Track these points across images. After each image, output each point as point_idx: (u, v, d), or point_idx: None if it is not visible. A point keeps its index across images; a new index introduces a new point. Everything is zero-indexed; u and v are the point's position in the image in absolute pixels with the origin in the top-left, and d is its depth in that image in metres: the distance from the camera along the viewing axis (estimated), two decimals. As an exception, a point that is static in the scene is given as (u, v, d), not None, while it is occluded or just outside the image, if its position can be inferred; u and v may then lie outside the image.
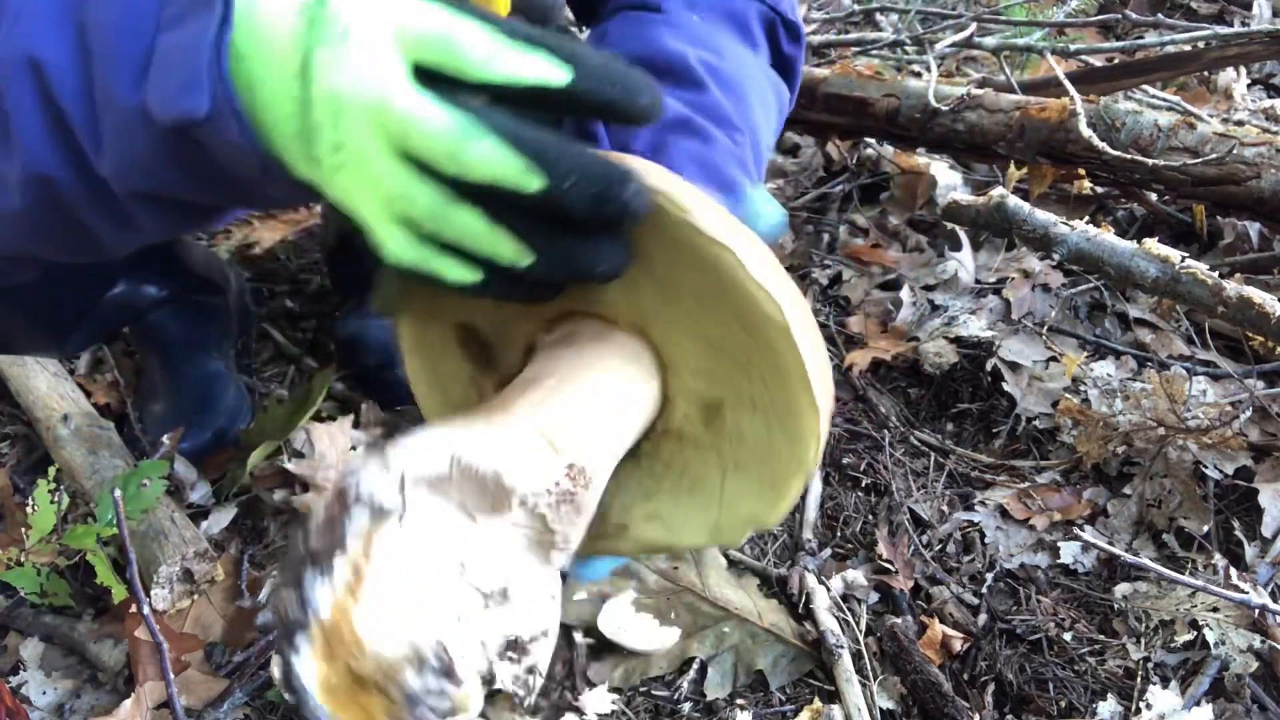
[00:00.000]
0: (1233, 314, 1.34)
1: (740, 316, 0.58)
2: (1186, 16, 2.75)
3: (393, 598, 0.47)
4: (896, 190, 2.11)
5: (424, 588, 0.48)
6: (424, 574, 0.48)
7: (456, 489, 0.50)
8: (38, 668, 1.27)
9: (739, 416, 0.64)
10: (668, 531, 0.67)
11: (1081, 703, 1.18)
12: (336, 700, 0.46)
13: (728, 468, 0.65)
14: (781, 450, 0.63)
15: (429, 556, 0.48)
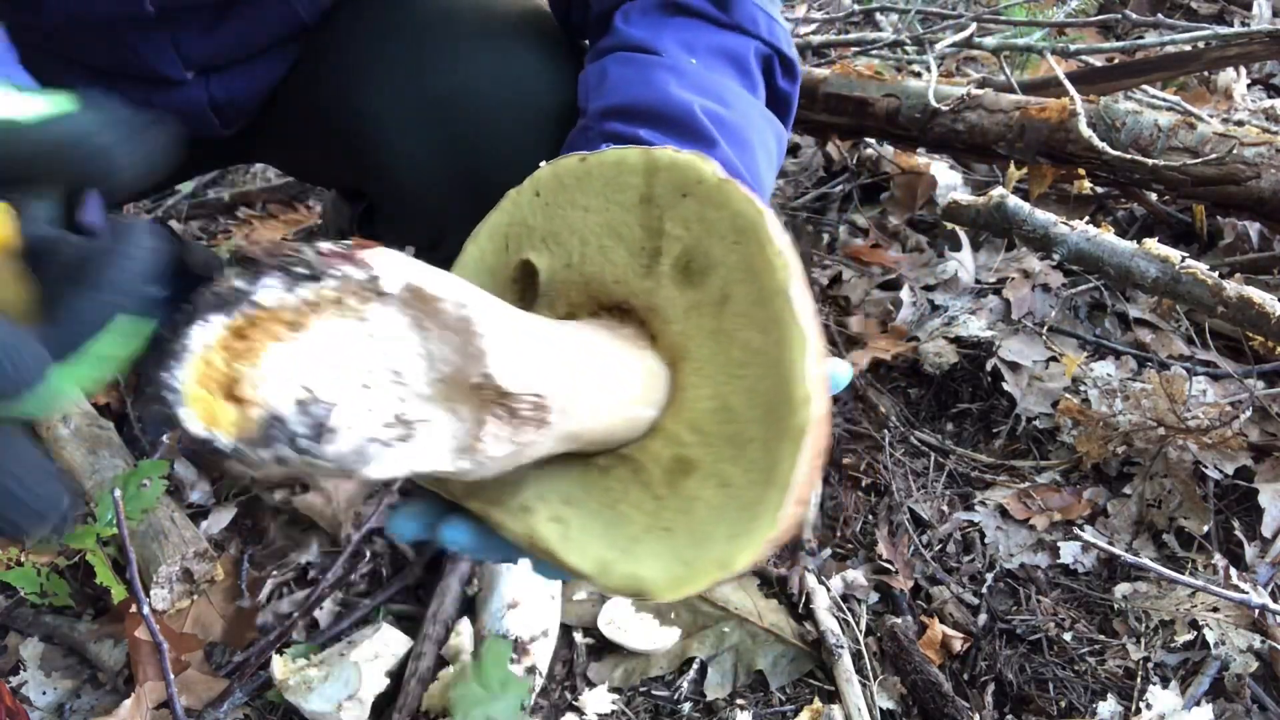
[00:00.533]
0: (1233, 314, 1.34)
1: (772, 403, 0.57)
2: (1186, 16, 2.75)
3: (324, 342, 0.45)
4: (896, 190, 2.10)
5: (353, 355, 0.46)
6: (357, 359, 0.46)
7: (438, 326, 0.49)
8: (38, 668, 1.27)
9: (703, 488, 0.61)
10: (562, 540, 0.66)
11: (1081, 703, 1.18)
12: (195, 393, 0.43)
13: (657, 525, 0.64)
14: (717, 541, 0.61)
15: (374, 350, 0.47)
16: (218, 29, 1.01)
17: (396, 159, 1.06)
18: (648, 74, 0.88)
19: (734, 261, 0.60)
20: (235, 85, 1.09)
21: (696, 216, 0.62)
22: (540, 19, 1.10)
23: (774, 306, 0.57)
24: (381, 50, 1.08)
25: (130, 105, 1.05)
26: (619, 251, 0.66)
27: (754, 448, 0.59)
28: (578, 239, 0.67)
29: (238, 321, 0.45)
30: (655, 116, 0.84)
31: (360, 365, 0.46)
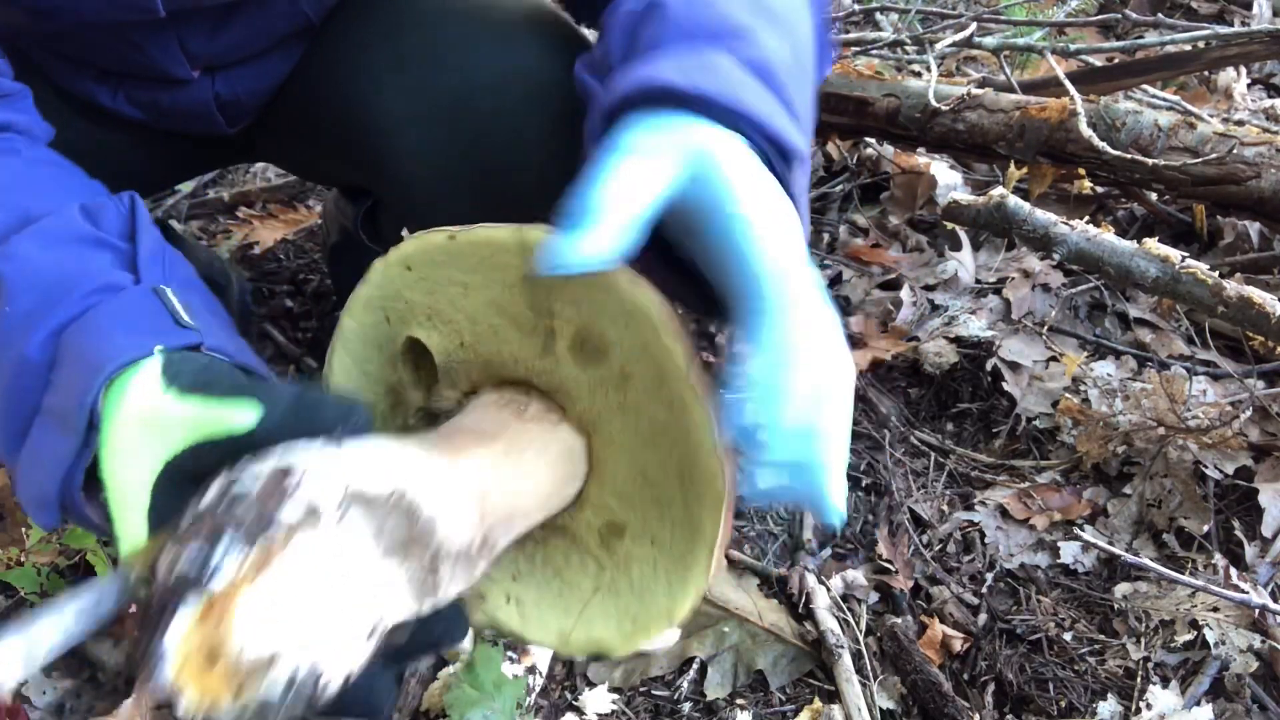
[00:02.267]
0: (1233, 314, 1.34)
1: (685, 470, 0.59)
2: (1186, 16, 2.75)
3: (286, 598, 0.46)
4: (896, 190, 2.10)
5: (317, 602, 0.47)
6: (323, 586, 0.47)
7: (385, 514, 0.49)
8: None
9: (636, 547, 0.63)
10: (520, 620, 0.68)
11: (1081, 703, 1.18)
12: (189, 670, 0.45)
13: (602, 587, 0.65)
14: (658, 595, 0.63)
15: (336, 571, 0.47)
16: (225, 28, 1.01)
17: (403, 157, 1.06)
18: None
19: (629, 342, 0.59)
20: (240, 83, 1.10)
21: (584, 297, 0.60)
22: (547, 15, 1.10)
23: (675, 388, 0.57)
24: (388, 47, 1.08)
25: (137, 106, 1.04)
26: (511, 331, 0.64)
27: (675, 506, 0.61)
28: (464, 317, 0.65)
29: (206, 599, 0.46)
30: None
31: (325, 587, 0.47)
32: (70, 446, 0.57)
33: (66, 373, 0.59)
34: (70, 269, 0.64)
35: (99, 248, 0.67)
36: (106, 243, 0.68)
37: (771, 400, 0.53)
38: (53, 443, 0.58)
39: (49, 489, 0.58)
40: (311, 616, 0.46)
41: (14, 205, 0.69)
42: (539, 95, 1.03)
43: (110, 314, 0.61)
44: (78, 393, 0.56)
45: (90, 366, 0.57)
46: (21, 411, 0.60)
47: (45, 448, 0.58)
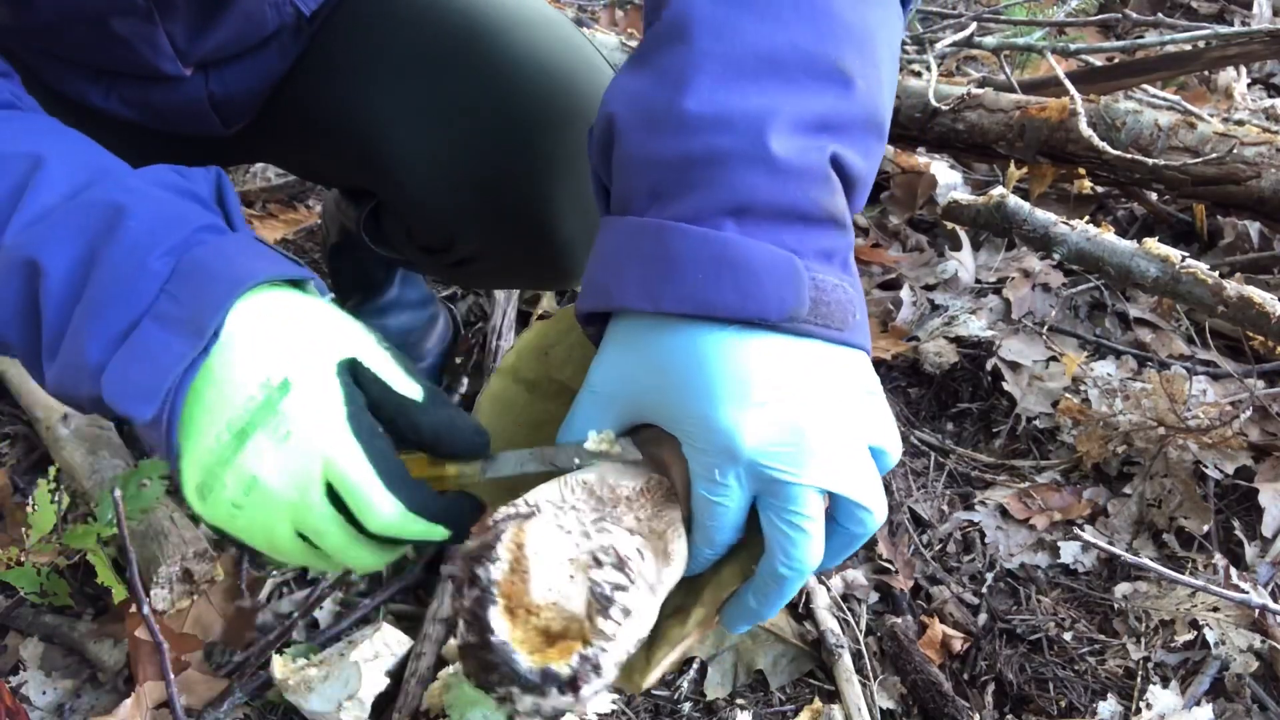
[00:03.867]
0: (1233, 313, 1.34)
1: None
2: (1187, 16, 2.75)
3: (550, 566, 0.58)
4: (896, 190, 2.10)
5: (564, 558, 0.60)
6: (561, 547, 0.60)
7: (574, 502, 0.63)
8: (38, 668, 1.27)
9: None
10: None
11: (1081, 702, 1.18)
12: (534, 651, 0.56)
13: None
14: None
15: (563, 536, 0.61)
16: (212, 21, 1.00)
17: (408, 160, 1.06)
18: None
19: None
20: (234, 81, 1.09)
21: (567, 349, 0.74)
22: (550, 16, 1.10)
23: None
24: (389, 49, 1.08)
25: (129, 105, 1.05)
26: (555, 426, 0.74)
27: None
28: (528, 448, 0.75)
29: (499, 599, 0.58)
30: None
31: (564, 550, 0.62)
32: (194, 348, 0.62)
33: (191, 286, 0.64)
34: (180, 207, 0.69)
35: (198, 202, 0.72)
36: (201, 199, 0.73)
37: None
38: (170, 343, 0.62)
39: (161, 381, 0.62)
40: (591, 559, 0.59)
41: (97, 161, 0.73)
42: (543, 97, 1.03)
43: (230, 244, 0.67)
44: (213, 302, 0.62)
45: (225, 281, 0.63)
46: (128, 315, 0.63)
47: (160, 347, 0.62)
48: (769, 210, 0.60)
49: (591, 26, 2.37)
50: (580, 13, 2.76)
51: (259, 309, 0.64)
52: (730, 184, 0.60)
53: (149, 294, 0.63)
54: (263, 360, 0.62)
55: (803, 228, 0.61)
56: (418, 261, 1.29)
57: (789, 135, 0.61)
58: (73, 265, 0.65)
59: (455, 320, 1.75)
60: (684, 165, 0.61)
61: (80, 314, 0.65)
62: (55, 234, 0.66)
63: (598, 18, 2.85)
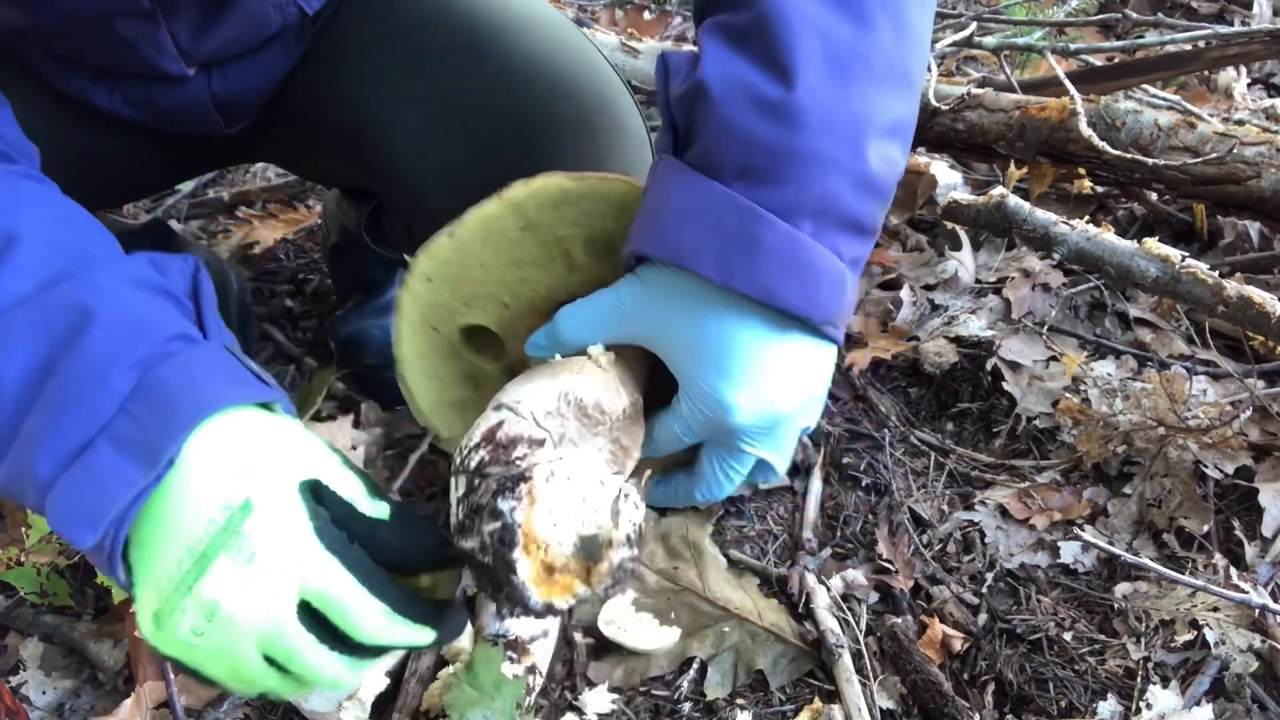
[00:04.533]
0: (1233, 313, 1.34)
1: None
2: (1187, 16, 2.75)
3: (562, 495, 0.64)
4: (897, 190, 2.10)
5: (578, 489, 0.65)
6: (572, 479, 0.65)
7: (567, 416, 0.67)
8: (38, 668, 1.27)
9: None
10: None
11: (1081, 703, 1.18)
12: (542, 585, 0.62)
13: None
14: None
15: (569, 467, 0.65)
16: (216, 21, 1.00)
17: (410, 160, 1.06)
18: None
19: (626, 225, 0.71)
20: (237, 81, 1.09)
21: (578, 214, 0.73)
22: (553, 18, 1.10)
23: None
24: (393, 49, 1.08)
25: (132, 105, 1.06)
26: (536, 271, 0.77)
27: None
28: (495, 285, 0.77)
29: (522, 538, 0.63)
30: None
31: (573, 478, 0.66)
32: (147, 476, 0.60)
33: (152, 408, 0.61)
34: (151, 312, 0.67)
35: (169, 299, 0.70)
36: (175, 296, 0.71)
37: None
38: (123, 468, 0.60)
39: (110, 507, 0.60)
40: (582, 499, 0.64)
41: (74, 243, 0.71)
42: (548, 99, 1.03)
43: (197, 362, 0.65)
44: (171, 428, 0.61)
45: (187, 407, 0.61)
46: (82, 432, 0.61)
47: (112, 471, 0.60)
48: (843, 219, 0.67)
49: (591, 26, 2.37)
50: (580, 13, 2.76)
51: (219, 433, 0.63)
52: (822, 188, 0.65)
53: (107, 411, 0.61)
54: (222, 483, 0.61)
55: (857, 238, 0.69)
56: None
57: (876, 143, 0.66)
58: (29, 371, 0.63)
59: (455, 320, 1.75)
60: (784, 156, 0.64)
61: (34, 423, 0.62)
62: (15, 335, 0.63)
63: (598, 18, 2.85)
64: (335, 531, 0.63)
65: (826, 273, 0.65)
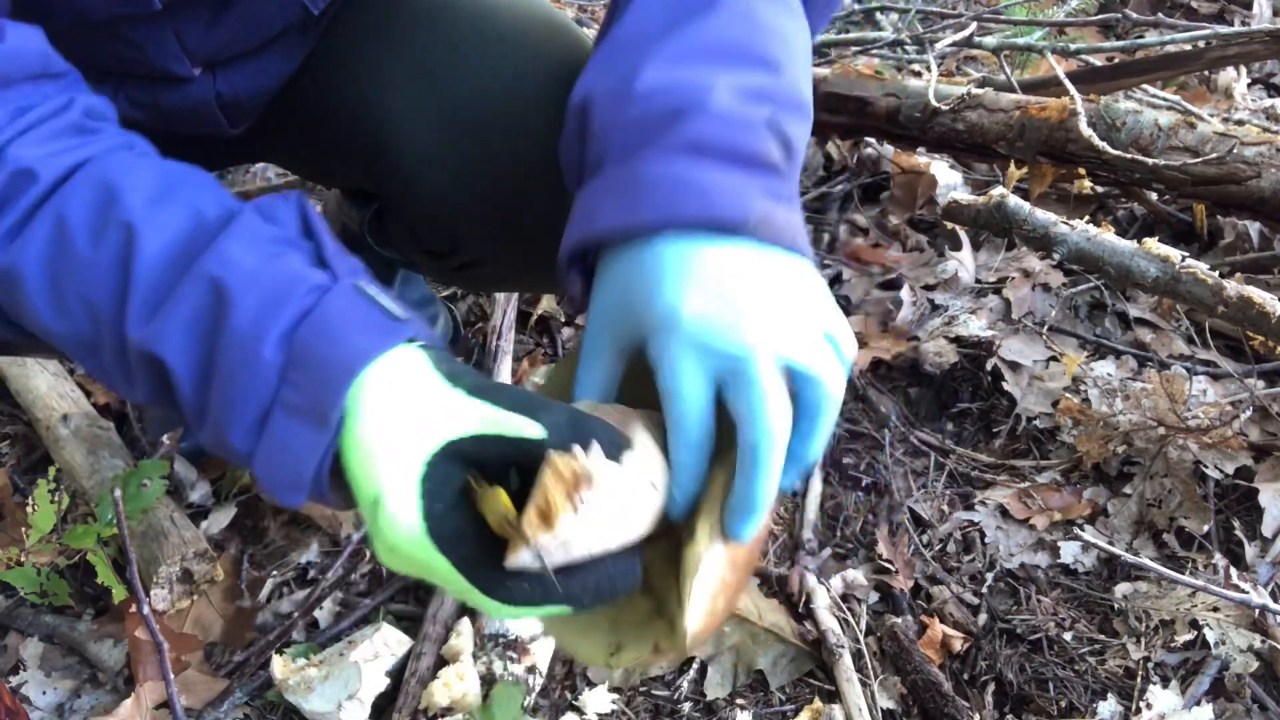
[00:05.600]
0: (1233, 313, 1.34)
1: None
2: (1187, 16, 2.75)
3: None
4: (896, 190, 2.10)
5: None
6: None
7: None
8: (38, 668, 1.27)
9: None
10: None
11: (1081, 702, 1.18)
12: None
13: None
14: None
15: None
16: (222, 20, 1.00)
17: (414, 163, 1.06)
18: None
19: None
20: (241, 81, 1.09)
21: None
22: (553, 16, 1.10)
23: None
24: (395, 48, 1.08)
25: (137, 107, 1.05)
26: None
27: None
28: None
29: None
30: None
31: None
32: (325, 438, 0.64)
33: (308, 373, 0.65)
34: (279, 270, 0.69)
35: (291, 247, 0.72)
36: (293, 241, 0.73)
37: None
38: (303, 434, 0.64)
39: (303, 473, 0.64)
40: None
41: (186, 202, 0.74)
42: (548, 96, 1.03)
43: (334, 314, 0.67)
44: (330, 390, 0.64)
45: (338, 368, 0.64)
46: (258, 405, 0.65)
47: (295, 438, 0.65)
48: (720, 150, 0.69)
49: (592, 27, 2.37)
50: (580, 13, 2.76)
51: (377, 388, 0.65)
52: (682, 131, 0.69)
53: (271, 384, 0.65)
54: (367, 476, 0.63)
55: (750, 168, 0.70)
56: (421, 264, 1.29)
57: (729, 97, 0.71)
58: (194, 362, 0.67)
59: (455, 320, 1.75)
60: (643, 124, 0.71)
61: (216, 404, 0.67)
62: (169, 329, 0.68)
63: (598, 18, 2.85)
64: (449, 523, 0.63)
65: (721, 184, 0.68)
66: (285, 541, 1.44)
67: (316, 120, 1.14)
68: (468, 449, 0.64)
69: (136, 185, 0.74)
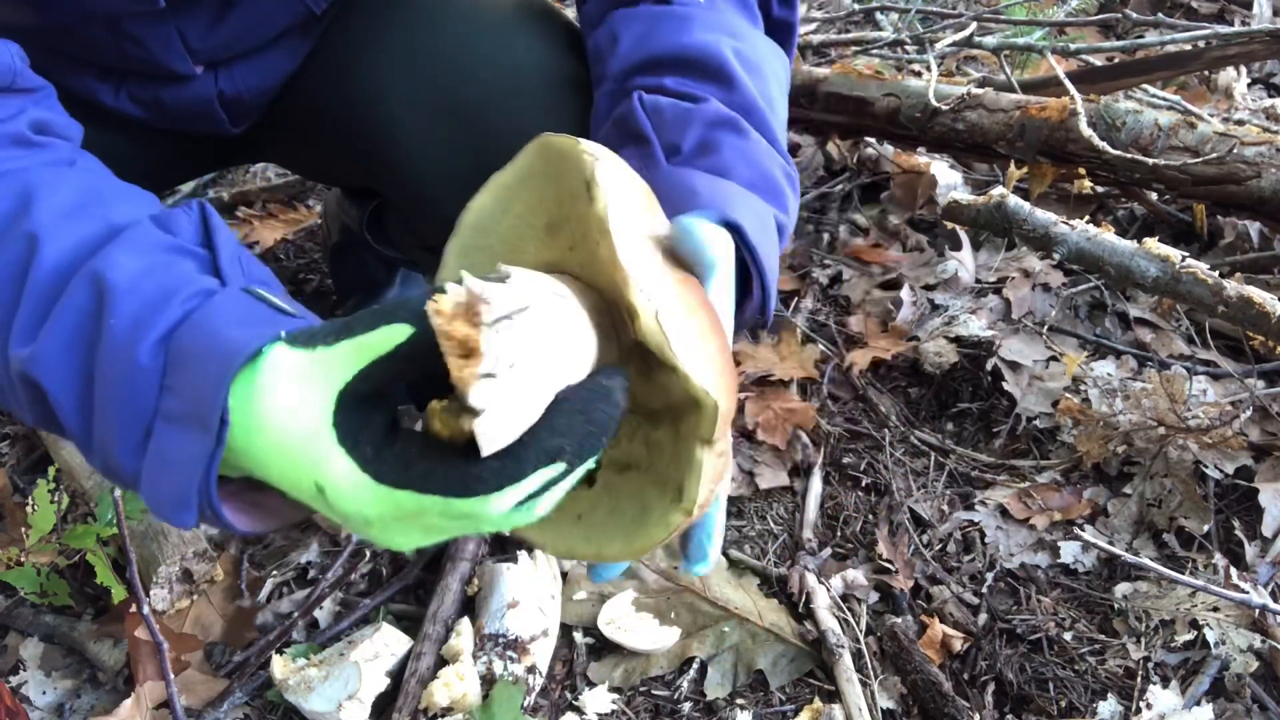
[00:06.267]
0: (1233, 313, 1.34)
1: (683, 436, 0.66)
2: (1187, 16, 2.75)
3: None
4: (896, 190, 2.10)
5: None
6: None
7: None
8: (38, 668, 1.27)
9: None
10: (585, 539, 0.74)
11: (1081, 702, 1.18)
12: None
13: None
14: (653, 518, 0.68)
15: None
16: (224, 19, 1.01)
17: (410, 156, 1.06)
18: (661, 27, 0.91)
19: (578, 212, 0.68)
20: (243, 80, 1.09)
21: (566, 192, 0.70)
22: (547, 10, 1.10)
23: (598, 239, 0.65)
24: (394, 46, 1.08)
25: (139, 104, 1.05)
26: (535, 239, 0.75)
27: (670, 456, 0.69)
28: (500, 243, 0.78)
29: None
30: (678, 63, 0.88)
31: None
32: (206, 443, 0.59)
33: (186, 375, 0.61)
34: (164, 277, 0.66)
35: (182, 255, 0.70)
36: (187, 250, 0.70)
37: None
38: (183, 443, 0.60)
39: (187, 488, 0.60)
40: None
41: (99, 217, 0.71)
42: (544, 91, 1.03)
43: (215, 315, 0.64)
44: (209, 390, 0.59)
45: (216, 363, 0.60)
46: (139, 420, 0.62)
47: (175, 450, 0.60)
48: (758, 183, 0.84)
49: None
50: (580, 13, 2.76)
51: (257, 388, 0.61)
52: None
53: (150, 394, 0.62)
54: (295, 468, 0.60)
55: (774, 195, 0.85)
56: (421, 261, 1.29)
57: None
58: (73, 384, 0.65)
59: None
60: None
61: (99, 425, 0.64)
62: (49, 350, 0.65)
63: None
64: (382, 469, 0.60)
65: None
66: (285, 541, 1.44)
67: (317, 118, 1.14)
68: (361, 388, 0.61)
69: (54, 197, 0.72)
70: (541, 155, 0.72)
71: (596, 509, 0.71)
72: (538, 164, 0.73)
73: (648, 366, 0.67)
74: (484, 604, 1.24)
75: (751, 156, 0.84)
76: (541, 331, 0.58)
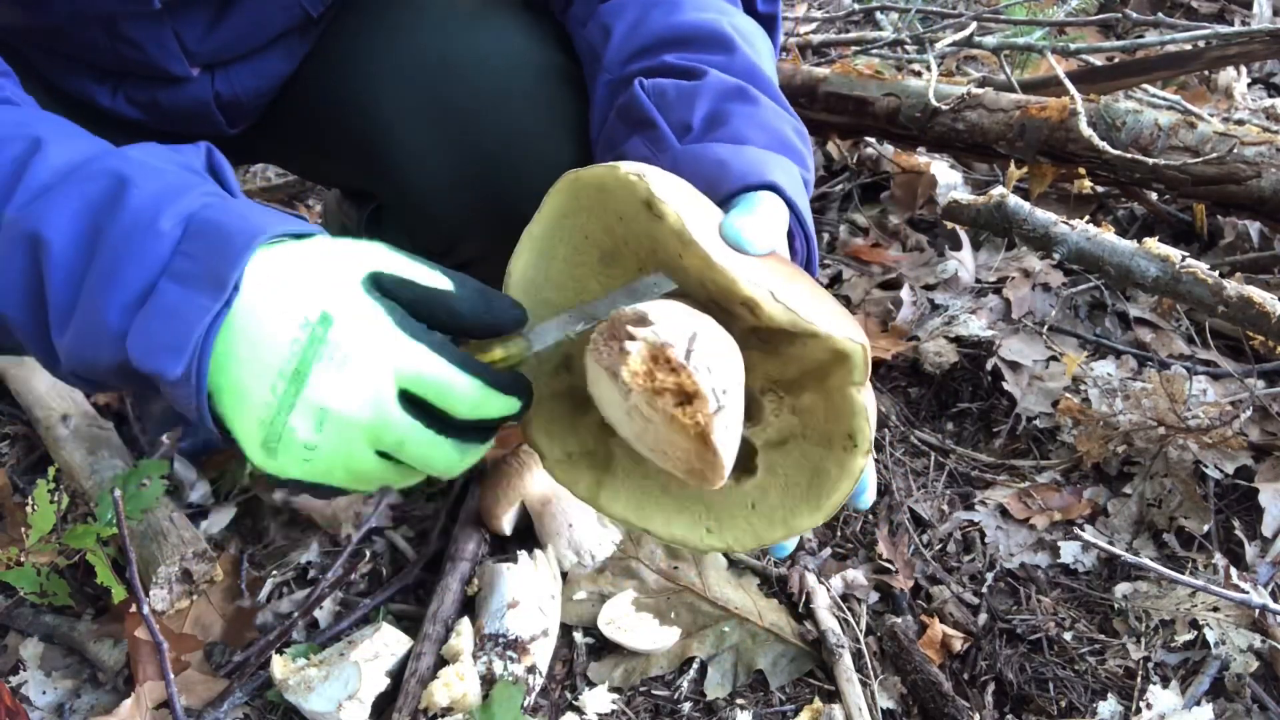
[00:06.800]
0: (1233, 313, 1.34)
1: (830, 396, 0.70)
2: (1187, 16, 2.75)
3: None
4: (897, 189, 2.10)
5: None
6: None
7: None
8: (38, 668, 1.27)
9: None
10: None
11: (1081, 702, 1.18)
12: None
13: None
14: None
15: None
16: (222, 22, 1.01)
17: (410, 163, 1.06)
18: (652, 10, 0.93)
19: (637, 231, 0.71)
20: (240, 82, 1.09)
21: (614, 219, 0.72)
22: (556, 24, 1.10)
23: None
24: (393, 51, 1.08)
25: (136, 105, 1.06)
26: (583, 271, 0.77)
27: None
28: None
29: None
30: (676, 40, 0.90)
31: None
32: (217, 301, 0.62)
33: (206, 243, 0.64)
34: (183, 175, 0.70)
35: (194, 172, 0.73)
36: (197, 171, 0.74)
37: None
38: (190, 297, 0.63)
39: (186, 334, 0.62)
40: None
41: (98, 142, 0.74)
42: (540, 95, 1.03)
43: (238, 205, 0.68)
44: (232, 254, 0.63)
45: (242, 235, 0.64)
46: (144, 275, 0.64)
47: (181, 301, 0.63)
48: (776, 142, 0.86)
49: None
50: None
51: (274, 258, 0.65)
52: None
53: (163, 255, 0.64)
54: (293, 303, 0.63)
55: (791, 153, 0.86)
56: None
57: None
58: (78, 236, 0.66)
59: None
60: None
61: (93, 283, 0.65)
62: (57, 206, 0.66)
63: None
64: (412, 321, 0.65)
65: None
66: (285, 541, 1.44)
67: (313, 121, 1.15)
68: (389, 286, 0.65)
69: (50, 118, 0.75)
70: (573, 193, 0.73)
71: (767, 493, 0.74)
72: (570, 203, 0.73)
73: (769, 345, 0.70)
74: (484, 604, 1.24)
75: (763, 121, 0.85)
76: (719, 347, 0.62)
